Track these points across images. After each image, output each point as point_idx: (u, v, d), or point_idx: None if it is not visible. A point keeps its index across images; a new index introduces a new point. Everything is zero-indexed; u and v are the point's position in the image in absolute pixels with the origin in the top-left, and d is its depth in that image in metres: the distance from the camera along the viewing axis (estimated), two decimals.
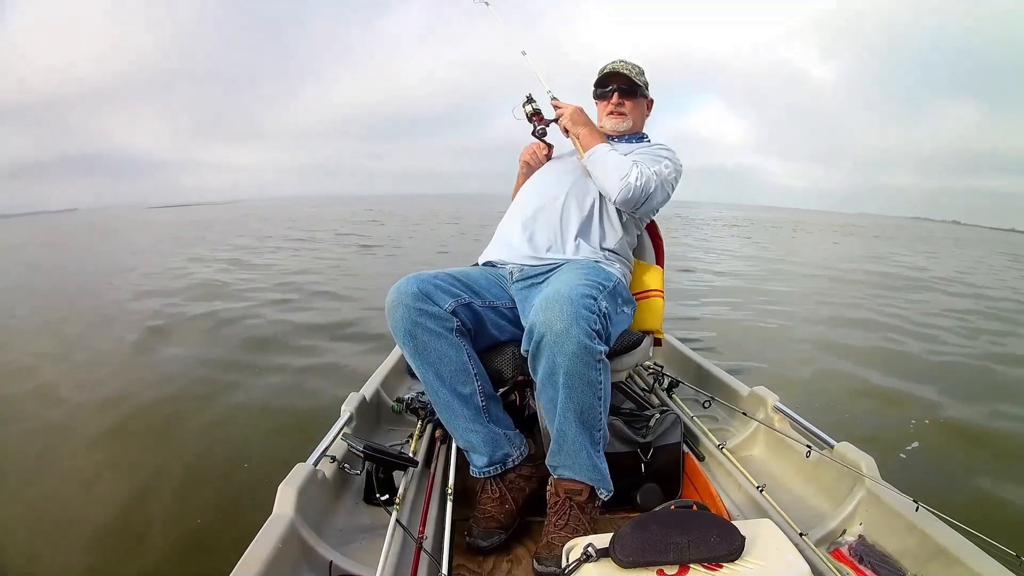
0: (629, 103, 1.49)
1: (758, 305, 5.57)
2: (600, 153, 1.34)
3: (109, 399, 2.92)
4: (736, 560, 0.80)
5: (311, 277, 6.86)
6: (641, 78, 1.48)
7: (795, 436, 1.33)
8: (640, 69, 1.48)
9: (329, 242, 12.14)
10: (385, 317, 1.16)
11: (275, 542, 0.87)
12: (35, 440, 2.51)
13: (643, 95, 1.51)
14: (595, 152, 1.35)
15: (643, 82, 1.49)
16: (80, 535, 1.81)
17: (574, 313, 0.99)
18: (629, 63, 1.47)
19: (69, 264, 9.61)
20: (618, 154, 1.34)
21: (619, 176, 1.29)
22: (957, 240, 28.12)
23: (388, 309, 1.14)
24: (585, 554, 0.83)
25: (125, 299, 5.66)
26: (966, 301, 6.67)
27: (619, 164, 1.31)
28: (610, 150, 1.35)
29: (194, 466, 2.17)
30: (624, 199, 1.31)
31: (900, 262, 11.93)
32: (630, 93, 1.48)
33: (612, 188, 1.31)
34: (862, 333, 4.58)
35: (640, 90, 1.49)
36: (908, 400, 3.00)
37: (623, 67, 1.46)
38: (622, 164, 1.31)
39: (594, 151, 1.35)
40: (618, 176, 1.30)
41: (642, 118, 1.55)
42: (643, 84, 1.49)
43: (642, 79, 1.48)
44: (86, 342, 4.12)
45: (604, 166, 1.33)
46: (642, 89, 1.49)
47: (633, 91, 1.48)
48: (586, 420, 1.05)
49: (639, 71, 1.47)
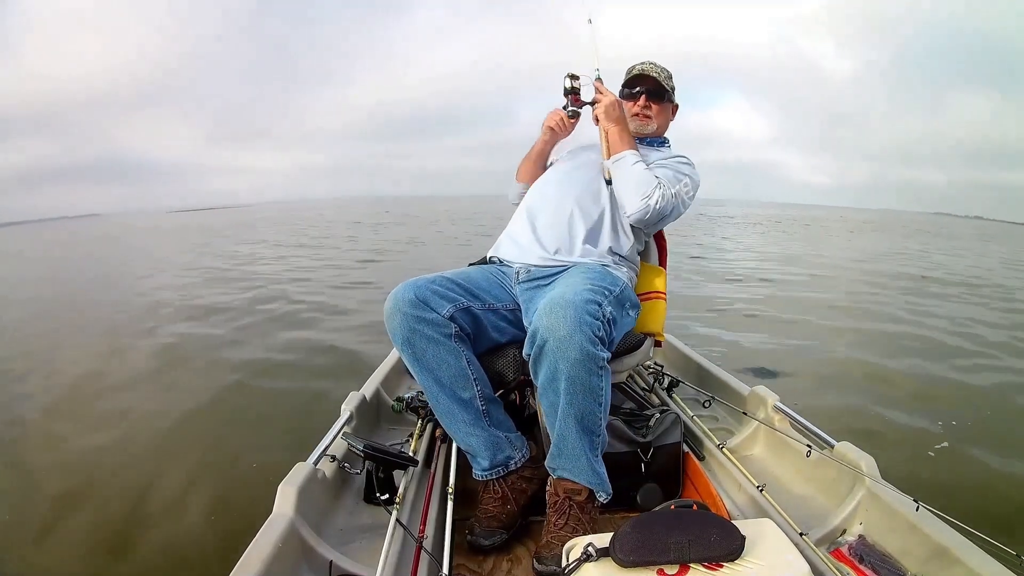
0: (656, 107, 1.48)
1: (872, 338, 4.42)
2: (627, 163, 1.32)
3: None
4: (736, 560, 0.80)
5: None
6: (669, 83, 1.47)
7: (795, 436, 1.33)
8: (669, 73, 1.47)
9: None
10: (384, 324, 1.15)
11: (275, 542, 0.87)
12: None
13: (669, 100, 1.51)
14: (622, 160, 1.33)
15: (671, 87, 1.48)
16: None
17: (578, 319, 0.98)
18: (659, 66, 1.47)
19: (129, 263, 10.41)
20: (644, 167, 1.32)
21: (641, 195, 1.29)
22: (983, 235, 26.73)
23: (386, 316, 1.14)
24: (585, 554, 0.83)
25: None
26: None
27: (643, 181, 1.29)
28: (637, 161, 1.32)
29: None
30: (640, 219, 1.32)
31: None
32: (657, 96, 1.47)
33: (631, 205, 1.31)
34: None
35: (668, 95, 1.49)
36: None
37: (652, 70, 1.46)
38: (646, 181, 1.29)
39: (622, 158, 1.33)
40: (640, 195, 1.29)
41: (666, 123, 1.54)
42: (670, 89, 1.48)
43: (670, 84, 1.47)
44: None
45: (628, 179, 1.31)
46: (669, 94, 1.49)
47: (660, 95, 1.47)
48: (586, 425, 1.05)
49: (668, 75, 1.47)
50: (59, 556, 1.77)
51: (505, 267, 1.36)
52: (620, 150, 1.34)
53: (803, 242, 15.41)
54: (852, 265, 9.87)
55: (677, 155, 1.46)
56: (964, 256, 13.08)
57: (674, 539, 0.80)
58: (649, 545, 0.79)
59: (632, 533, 0.81)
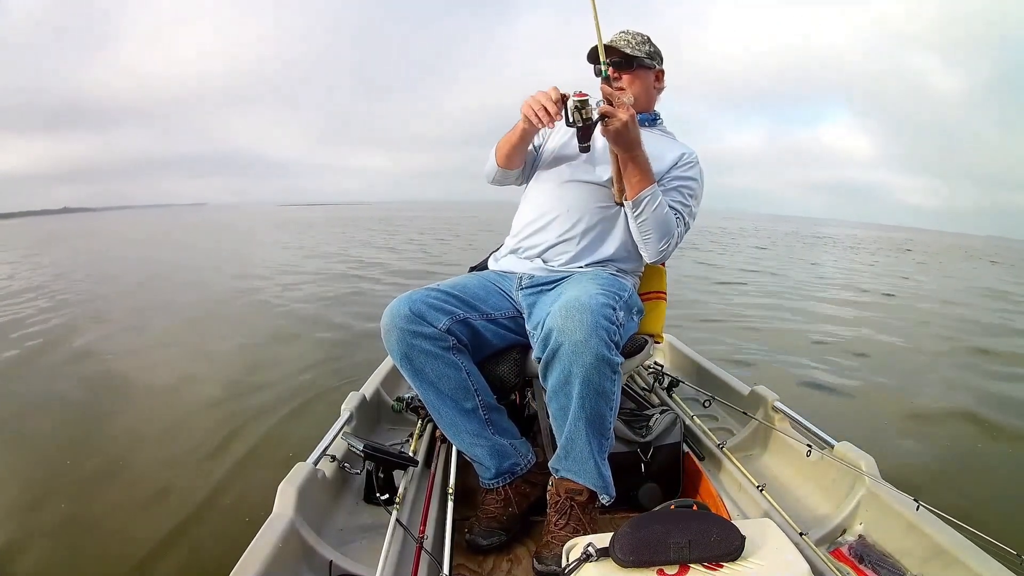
0: (626, 76, 1.28)
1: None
2: (648, 207, 1.17)
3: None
4: (736, 560, 0.80)
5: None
6: (642, 48, 1.28)
7: (795, 435, 1.33)
8: (644, 38, 1.30)
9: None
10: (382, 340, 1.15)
11: (275, 542, 0.87)
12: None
13: (644, 66, 1.29)
14: (643, 201, 1.17)
15: (645, 52, 1.29)
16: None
17: (594, 323, 0.97)
18: (630, 33, 1.31)
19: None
20: (664, 206, 1.20)
21: (661, 241, 1.21)
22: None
23: (383, 333, 1.13)
24: (585, 554, 0.83)
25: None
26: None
27: (664, 223, 1.20)
28: (659, 202, 1.18)
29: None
30: (659, 261, 1.28)
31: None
32: (625, 66, 1.28)
33: (651, 251, 1.23)
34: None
35: (638, 60, 1.28)
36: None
37: (619, 39, 1.29)
38: (667, 224, 1.20)
39: (642, 200, 1.17)
40: (661, 241, 1.21)
41: (647, 91, 1.33)
42: (643, 54, 1.28)
43: (643, 49, 1.28)
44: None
45: (648, 224, 1.19)
46: (641, 59, 1.28)
47: (629, 63, 1.28)
48: (596, 429, 1.04)
49: (641, 40, 1.29)
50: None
51: (505, 273, 1.32)
52: (637, 190, 1.16)
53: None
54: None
55: (684, 158, 1.30)
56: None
57: (674, 539, 0.80)
58: (649, 545, 0.79)
59: (632, 533, 0.81)
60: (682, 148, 1.33)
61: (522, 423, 1.41)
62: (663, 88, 1.38)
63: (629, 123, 1.07)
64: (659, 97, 1.39)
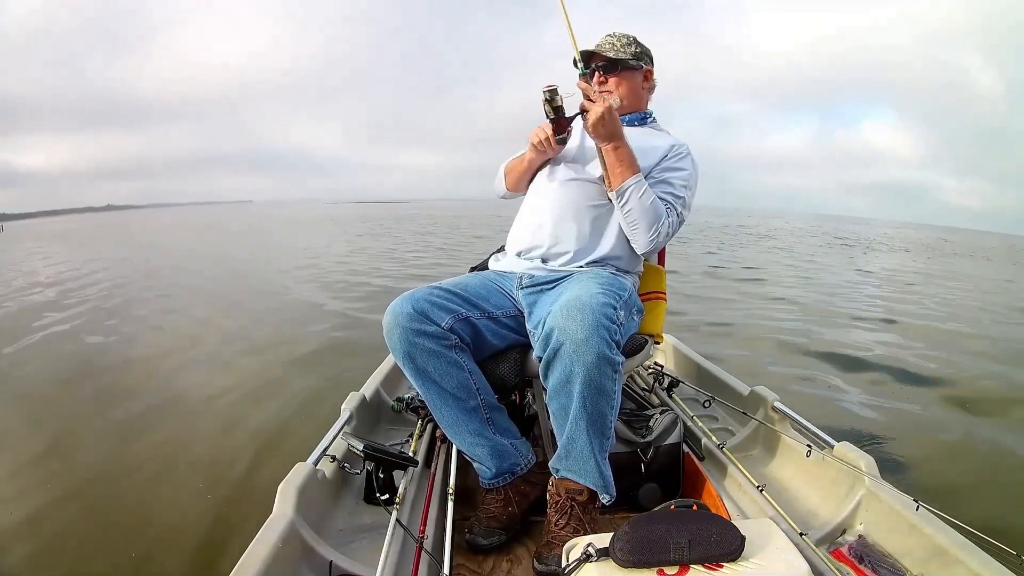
0: (612, 79, 1.33)
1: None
2: (633, 196, 1.19)
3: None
4: (736, 560, 0.80)
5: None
6: (627, 50, 1.32)
7: (795, 436, 1.33)
8: (629, 39, 1.33)
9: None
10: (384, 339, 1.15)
11: (275, 542, 0.87)
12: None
13: (629, 67, 1.33)
14: (627, 190, 1.19)
15: (630, 53, 1.32)
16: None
17: (595, 322, 0.97)
18: (615, 35, 1.34)
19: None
20: (650, 196, 1.21)
21: (649, 232, 1.21)
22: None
23: (385, 332, 1.13)
24: (585, 554, 0.83)
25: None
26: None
27: (651, 212, 1.20)
28: (644, 191, 1.20)
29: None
30: (649, 252, 1.28)
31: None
32: (611, 69, 1.32)
33: (640, 242, 1.23)
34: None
35: (623, 63, 1.32)
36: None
37: (604, 43, 1.33)
38: (654, 213, 1.20)
39: (626, 189, 1.19)
40: (648, 232, 1.21)
41: (636, 91, 1.37)
42: (629, 55, 1.32)
43: (629, 50, 1.32)
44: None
45: (634, 214, 1.21)
46: (625, 62, 1.32)
47: (614, 66, 1.32)
48: (597, 429, 1.04)
49: (626, 42, 1.32)
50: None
51: (506, 272, 1.33)
52: (620, 180, 1.19)
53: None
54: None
55: (674, 150, 1.31)
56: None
57: (674, 539, 0.80)
58: (649, 545, 0.79)
59: (632, 533, 0.81)
60: (672, 140, 1.34)
61: (522, 423, 1.41)
62: (653, 87, 1.41)
63: (606, 115, 1.14)
64: (650, 96, 1.43)
